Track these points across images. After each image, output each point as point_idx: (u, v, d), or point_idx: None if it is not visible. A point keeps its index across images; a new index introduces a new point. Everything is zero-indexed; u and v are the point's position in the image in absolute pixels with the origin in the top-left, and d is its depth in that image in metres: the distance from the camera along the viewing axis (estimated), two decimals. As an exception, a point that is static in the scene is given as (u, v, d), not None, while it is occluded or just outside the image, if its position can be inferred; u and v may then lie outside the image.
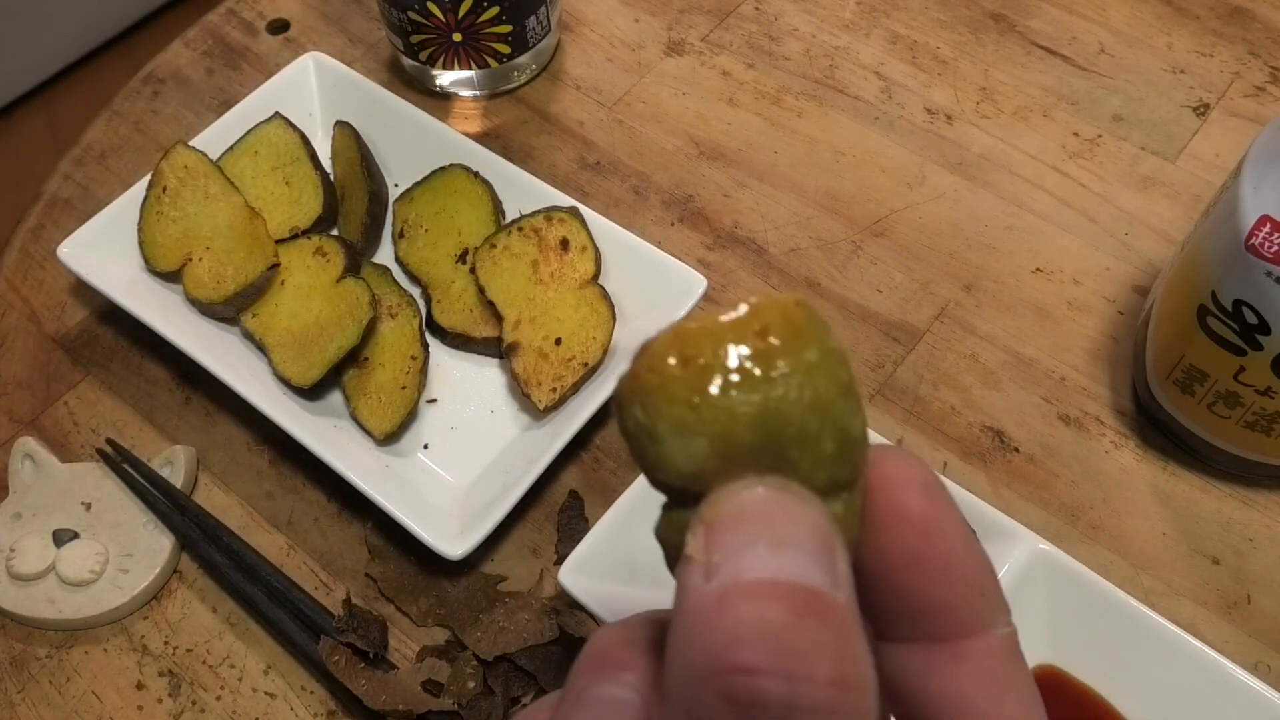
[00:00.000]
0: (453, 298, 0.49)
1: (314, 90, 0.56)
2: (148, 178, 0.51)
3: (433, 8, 0.54)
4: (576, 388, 0.46)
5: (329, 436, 0.45)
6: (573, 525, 0.45)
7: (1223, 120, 0.57)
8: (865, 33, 0.61)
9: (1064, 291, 0.51)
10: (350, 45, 0.62)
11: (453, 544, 0.41)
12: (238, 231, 0.49)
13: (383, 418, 0.46)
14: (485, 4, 0.54)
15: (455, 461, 0.46)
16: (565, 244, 0.48)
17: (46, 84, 1.54)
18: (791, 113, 0.58)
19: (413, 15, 0.54)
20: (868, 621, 0.18)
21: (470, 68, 0.57)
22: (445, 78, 0.59)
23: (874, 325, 0.50)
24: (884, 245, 0.53)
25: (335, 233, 0.52)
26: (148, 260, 0.50)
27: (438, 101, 0.59)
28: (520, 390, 0.46)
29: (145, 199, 0.50)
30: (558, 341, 0.47)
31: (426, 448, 0.47)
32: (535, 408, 0.46)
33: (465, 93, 0.59)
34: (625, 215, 0.54)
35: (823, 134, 0.57)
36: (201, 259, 0.49)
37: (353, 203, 0.52)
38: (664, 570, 0.17)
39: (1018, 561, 0.39)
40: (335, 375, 0.47)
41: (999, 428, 0.47)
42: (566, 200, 0.50)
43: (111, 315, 0.52)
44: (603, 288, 0.48)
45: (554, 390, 0.46)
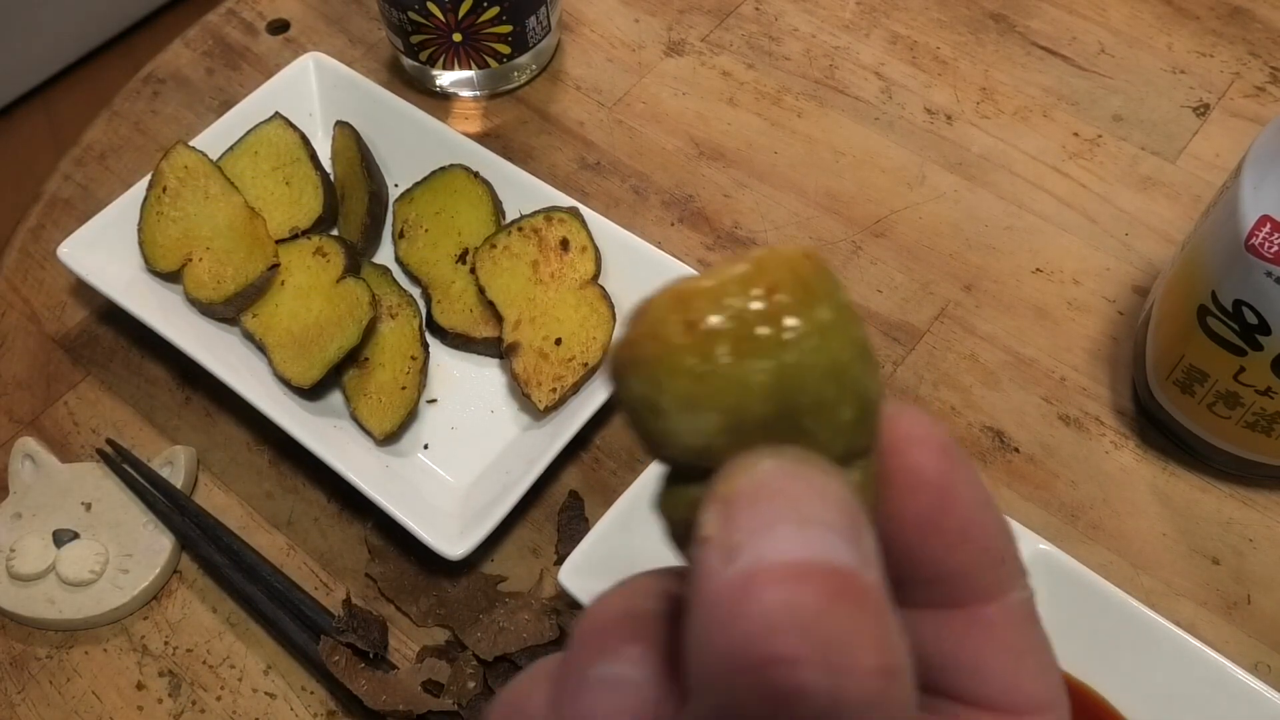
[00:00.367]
0: (453, 298, 0.49)
1: (314, 90, 0.56)
2: (148, 178, 0.51)
3: (433, 8, 0.54)
4: (576, 388, 0.46)
5: (329, 436, 0.45)
6: (573, 525, 0.45)
7: (1223, 120, 0.57)
8: (865, 33, 0.61)
9: (1064, 292, 0.51)
10: (350, 45, 0.62)
11: (453, 544, 0.41)
12: (238, 232, 0.49)
13: (383, 418, 0.46)
14: (485, 4, 0.54)
15: (455, 461, 0.46)
16: (565, 244, 0.48)
17: (46, 84, 1.54)
18: (791, 113, 0.58)
19: (413, 15, 0.54)
20: None
21: (470, 68, 0.57)
22: (445, 78, 0.59)
23: (874, 325, 0.50)
24: (884, 245, 0.53)
25: (335, 233, 0.52)
26: (148, 260, 0.50)
27: (438, 102, 0.59)
28: (520, 390, 0.46)
29: (145, 199, 0.50)
30: (558, 342, 0.47)
31: (426, 448, 0.47)
32: (535, 408, 0.46)
33: (465, 93, 0.59)
34: (625, 215, 0.54)
35: (823, 134, 0.57)
36: (201, 259, 0.49)
37: (353, 203, 0.52)
38: None
39: (1018, 561, 0.39)
40: (335, 375, 0.47)
41: (999, 428, 0.47)
42: (566, 200, 0.50)
43: (111, 315, 0.52)
44: (603, 288, 0.48)
45: (554, 390, 0.46)
